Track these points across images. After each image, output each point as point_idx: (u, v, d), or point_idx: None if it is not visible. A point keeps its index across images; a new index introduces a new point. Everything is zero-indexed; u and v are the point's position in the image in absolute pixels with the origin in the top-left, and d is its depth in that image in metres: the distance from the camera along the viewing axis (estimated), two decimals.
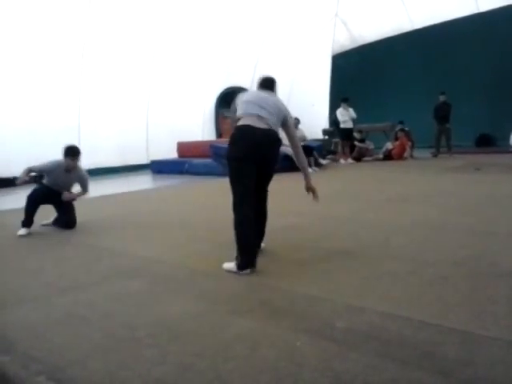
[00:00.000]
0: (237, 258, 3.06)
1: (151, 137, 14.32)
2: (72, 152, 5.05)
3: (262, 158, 3.28)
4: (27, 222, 4.95)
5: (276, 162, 3.50)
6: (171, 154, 13.48)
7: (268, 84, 3.75)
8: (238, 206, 3.20)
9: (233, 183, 3.25)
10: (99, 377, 1.79)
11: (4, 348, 2.06)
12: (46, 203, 5.14)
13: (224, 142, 12.61)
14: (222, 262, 3.21)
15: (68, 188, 5.21)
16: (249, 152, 3.19)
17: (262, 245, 3.53)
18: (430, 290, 2.51)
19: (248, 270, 2.99)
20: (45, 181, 5.14)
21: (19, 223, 4.95)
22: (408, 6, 15.22)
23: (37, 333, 2.25)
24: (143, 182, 11.07)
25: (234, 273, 3.00)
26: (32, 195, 5.03)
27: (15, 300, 2.76)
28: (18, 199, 9.47)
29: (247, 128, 3.24)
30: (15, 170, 11.57)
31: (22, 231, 4.90)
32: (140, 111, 14.02)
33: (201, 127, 16.38)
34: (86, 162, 11.53)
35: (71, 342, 2.11)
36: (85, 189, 5.29)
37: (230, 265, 3.11)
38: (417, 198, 5.85)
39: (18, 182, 5.01)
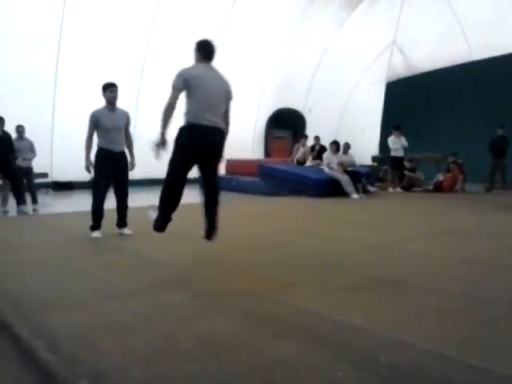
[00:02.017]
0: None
1: None
2: (109, 84, 5.15)
3: None
4: (97, 224, 5.14)
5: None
6: (220, 170, 13.66)
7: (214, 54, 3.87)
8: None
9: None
10: None
11: (52, 348, 2.11)
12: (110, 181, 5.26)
13: (273, 162, 12.72)
14: (265, 282, 3.21)
15: (120, 135, 5.25)
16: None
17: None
18: (482, 331, 2.39)
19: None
20: (98, 142, 5.20)
21: (73, 226, 5.13)
22: (468, 36, 14.93)
23: (82, 336, 2.30)
24: (191, 196, 11.24)
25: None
26: (95, 194, 5.18)
27: (63, 303, 2.85)
28: (73, 203, 9.88)
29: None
30: (71, 175, 12.14)
31: (95, 234, 5.10)
32: None
33: (250, 146, 16.56)
34: (137, 174, 11.86)
35: (114, 349, 2.14)
36: (129, 126, 5.39)
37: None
38: (467, 232, 5.65)
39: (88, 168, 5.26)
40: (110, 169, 5.15)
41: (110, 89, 5.13)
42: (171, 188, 3.85)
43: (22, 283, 3.31)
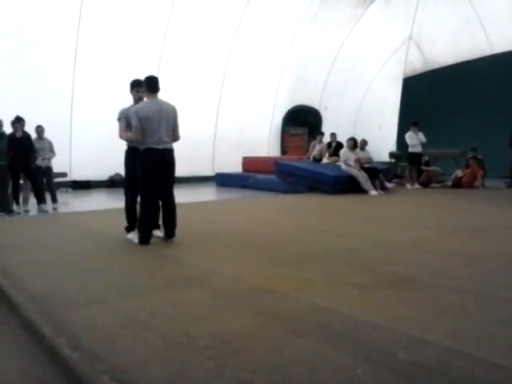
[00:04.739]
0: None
1: (217, 150, 14.64)
2: (136, 83, 4.96)
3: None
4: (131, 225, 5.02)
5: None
6: (236, 167, 13.71)
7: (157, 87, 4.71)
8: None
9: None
10: (159, 383, 1.82)
11: (73, 345, 2.15)
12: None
13: (289, 160, 12.69)
14: (282, 280, 3.22)
15: None
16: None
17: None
18: (503, 329, 2.36)
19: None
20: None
21: (92, 224, 5.11)
22: (488, 29, 14.65)
23: (102, 334, 2.33)
24: (207, 194, 11.32)
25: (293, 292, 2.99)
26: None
27: (83, 300, 2.88)
28: (91, 201, 10.01)
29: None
30: (89, 174, 12.30)
31: (131, 236, 4.93)
32: (208, 124, 14.40)
33: (266, 143, 16.55)
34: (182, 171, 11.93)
35: (133, 346, 2.17)
36: None
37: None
38: (487, 229, 5.57)
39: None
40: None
41: (136, 89, 4.96)
42: (148, 203, 4.70)
43: (43, 281, 3.36)
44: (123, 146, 5.04)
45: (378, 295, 2.95)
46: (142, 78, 4.84)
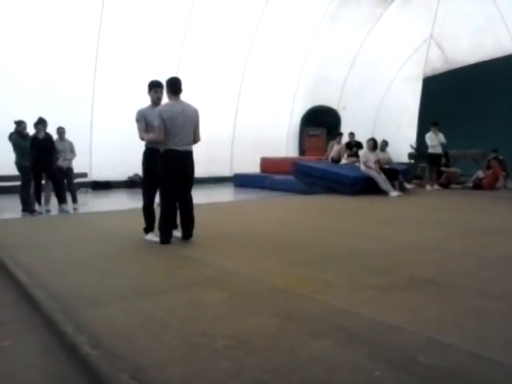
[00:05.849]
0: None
1: (236, 150, 14.68)
2: (154, 84, 4.92)
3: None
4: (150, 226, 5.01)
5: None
6: (254, 168, 13.72)
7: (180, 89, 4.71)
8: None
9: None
10: (177, 383, 1.83)
11: (93, 343, 2.18)
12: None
13: (307, 160, 12.65)
14: (301, 280, 3.21)
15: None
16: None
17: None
18: None
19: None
20: (145, 141, 4.96)
21: (112, 224, 5.16)
22: (511, 27, 14.40)
23: (121, 332, 2.35)
24: (225, 194, 11.35)
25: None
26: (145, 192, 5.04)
27: (103, 299, 2.92)
28: (111, 202, 10.12)
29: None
30: (109, 174, 12.45)
31: (149, 236, 4.93)
32: (227, 124, 14.44)
33: (285, 144, 16.54)
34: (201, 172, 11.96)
35: (152, 345, 2.19)
36: None
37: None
38: (509, 230, 5.47)
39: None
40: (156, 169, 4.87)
41: (154, 89, 4.93)
42: (168, 203, 4.76)
43: (63, 280, 3.41)
44: (142, 147, 5.06)
45: (396, 297, 2.92)
46: (162, 79, 4.86)
